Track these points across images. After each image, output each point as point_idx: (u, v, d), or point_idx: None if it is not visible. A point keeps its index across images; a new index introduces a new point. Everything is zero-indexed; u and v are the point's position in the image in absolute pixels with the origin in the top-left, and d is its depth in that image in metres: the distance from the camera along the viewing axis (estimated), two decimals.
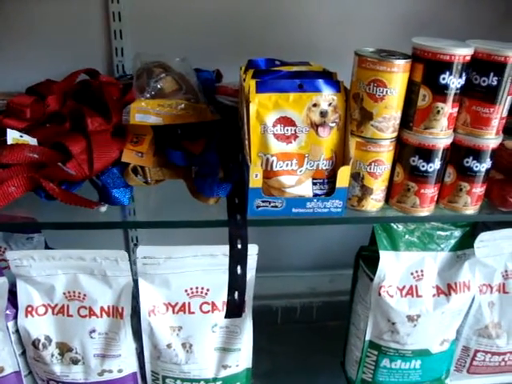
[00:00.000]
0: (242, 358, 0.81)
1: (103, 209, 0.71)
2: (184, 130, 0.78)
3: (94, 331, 0.76)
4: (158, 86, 0.78)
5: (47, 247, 0.85)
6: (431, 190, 0.71)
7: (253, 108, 0.66)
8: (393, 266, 0.81)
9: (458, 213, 0.75)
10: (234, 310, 0.71)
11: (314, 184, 0.69)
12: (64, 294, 0.75)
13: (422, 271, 0.83)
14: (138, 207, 0.74)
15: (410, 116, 0.68)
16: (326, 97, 0.67)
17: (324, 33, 0.97)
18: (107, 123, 0.75)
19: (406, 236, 0.82)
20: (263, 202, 0.68)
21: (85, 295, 0.75)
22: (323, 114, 0.67)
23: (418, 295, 0.81)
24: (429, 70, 0.65)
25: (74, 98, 0.82)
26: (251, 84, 0.65)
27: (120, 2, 0.87)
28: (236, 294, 0.70)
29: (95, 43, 0.90)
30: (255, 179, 0.66)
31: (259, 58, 0.74)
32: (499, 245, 0.85)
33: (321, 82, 0.67)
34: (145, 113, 0.73)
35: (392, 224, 0.81)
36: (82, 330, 0.75)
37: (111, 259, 0.73)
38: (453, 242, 0.84)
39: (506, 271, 0.88)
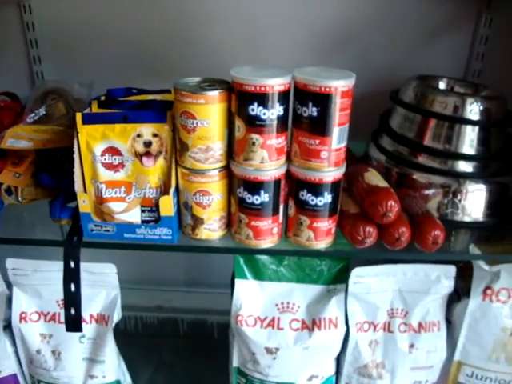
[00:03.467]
0: (108, 369, 0.85)
1: None
2: (64, 153, 0.83)
3: None
4: (43, 112, 0.85)
5: None
6: (264, 223, 0.70)
7: (81, 138, 0.69)
8: (253, 296, 0.80)
9: (303, 247, 0.72)
10: (72, 325, 0.75)
11: (143, 211, 0.71)
12: None
13: (288, 303, 0.80)
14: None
15: (233, 147, 0.67)
16: (150, 128, 0.68)
17: (237, 53, 0.96)
18: None
19: (273, 266, 0.80)
20: (96, 225, 0.72)
21: None
22: (146, 144, 0.69)
23: (279, 328, 0.79)
24: (240, 101, 0.64)
25: None
26: (77, 116, 0.69)
27: (36, 29, 0.95)
28: (72, 310, 0.74)
29: (19, 68, 0.99)
30: (83, 204, 0.70)
31: (118, 88, 0.77)
32: (381, 281, 0.80)
33: (146, 114, 0.68)
34: (18, 138, 0.80)
35: None
36: None
37: None
38: (327, 275, 0.80)
39: (391, 309, 0.82)
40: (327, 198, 0.68)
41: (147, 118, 0.68)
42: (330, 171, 0.67)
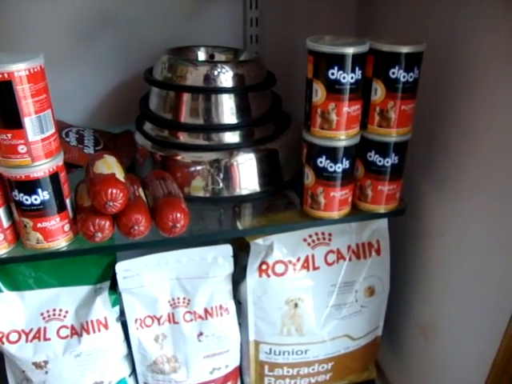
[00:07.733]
0: None
1: None
2: None
3: None
4: None
5: None
6: None
7: None
8: (13, 309, 0.73)
9: (37, 251, 0.66)
10: None
11: None
12: None
13: (54, 310, 0.74)
14: None
15: None
16: None
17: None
18: None
19: (32, 273, 0.74)
20: None
21: None
22: None
23: (45, 338, 0.73)
24: None
25: None
26: None
27: None
28: None
29: None
30: None
31: None
32: (154, 272, 0.75)
33: None
34: None
35: None
36: None
37: None
38: (93, 274, 0.75)
39: (172, 300, 0.77)
40: (43, 194, 0.62)
41: None
42: (36, 165, 0.61)
